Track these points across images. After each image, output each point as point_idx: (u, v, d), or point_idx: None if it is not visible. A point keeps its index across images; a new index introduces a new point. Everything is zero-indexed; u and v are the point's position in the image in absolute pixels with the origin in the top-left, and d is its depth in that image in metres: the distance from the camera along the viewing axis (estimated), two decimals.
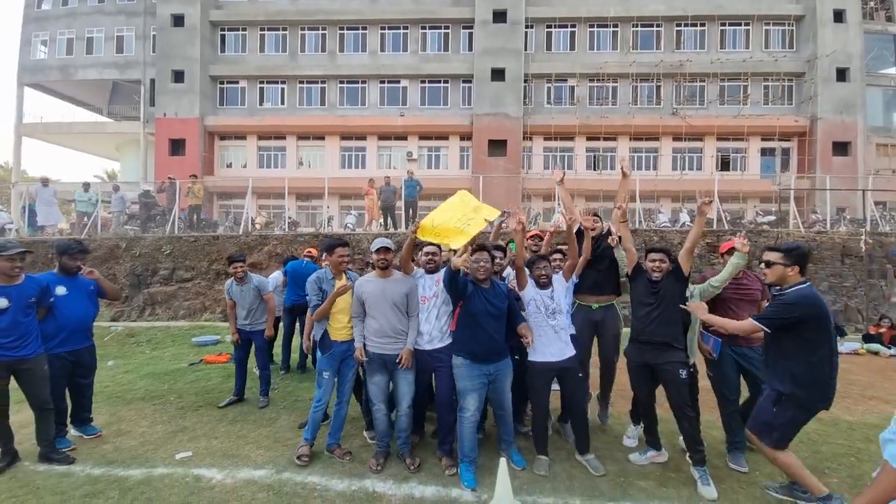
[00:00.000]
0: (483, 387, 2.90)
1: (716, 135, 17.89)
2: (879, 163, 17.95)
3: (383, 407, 3.06)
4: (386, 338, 3.01)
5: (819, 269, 8.81)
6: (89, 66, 19.61)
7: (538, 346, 2.95)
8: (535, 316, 3.01)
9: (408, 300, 3.06)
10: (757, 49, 18.05)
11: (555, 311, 3.01)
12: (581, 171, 18.23)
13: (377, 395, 3.05)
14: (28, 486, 2.80)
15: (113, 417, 3.95)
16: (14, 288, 2.96)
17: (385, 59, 18.84)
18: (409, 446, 3.09)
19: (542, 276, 3.02)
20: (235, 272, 4.26)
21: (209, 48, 18.91)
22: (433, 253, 3.17)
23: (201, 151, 18.26)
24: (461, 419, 2.91)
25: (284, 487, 2.80)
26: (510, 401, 3.03)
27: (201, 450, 3.32)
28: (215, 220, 15.49)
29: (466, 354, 2.87)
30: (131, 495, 2.70)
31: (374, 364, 3.04)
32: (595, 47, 18.64)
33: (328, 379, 3.19)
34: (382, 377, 3.06)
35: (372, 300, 3.03)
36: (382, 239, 3.13)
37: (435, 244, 3.18)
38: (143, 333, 7.62)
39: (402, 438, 3.06)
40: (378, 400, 3.05)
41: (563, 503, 2.63)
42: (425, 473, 2.95)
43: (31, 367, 3.02)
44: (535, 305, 3.02)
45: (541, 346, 2.96)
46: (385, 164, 19.08)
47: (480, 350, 2.85)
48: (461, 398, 2.92)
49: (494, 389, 2.94)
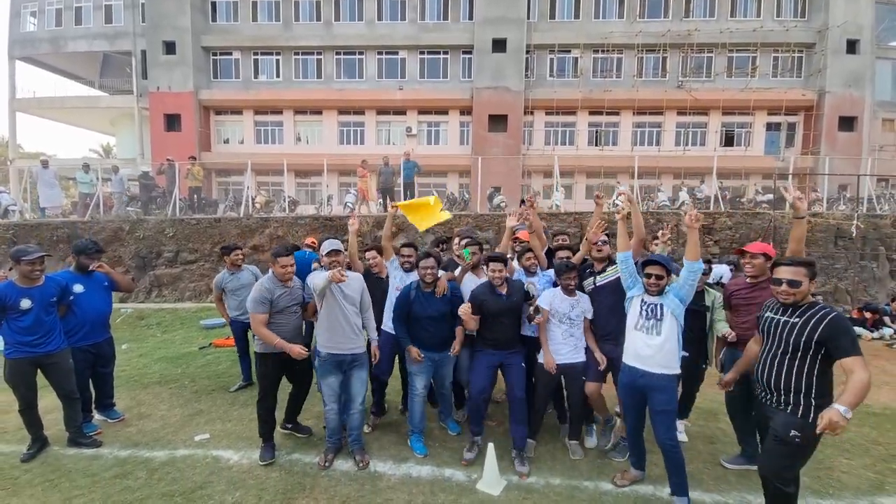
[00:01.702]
0: (429, 370, 3.33)
1: (721, 109, 17.51)
2: (885, 138, 17.67)
3: (335, 407, 3.13)
4: (343, 338, 3.08)
5: (812, 250, 8.95)
6: (79, 37, 18.97)
7: (549, 345, 3.17)
8: (552, 318, 3.18)
9: (362, 298, 3.23)
10: (768, 18, 17.36)
11: (573, 321, 3.15)
12: (583, 147, 18.02)
13: (330, 396, 3.11)
14: (60, 469, 3.07)
15: (133, 401, 4.25)
16: (36, 289, 3.15)
17: (383, 29, 18.19)
18: (360, 444, 3.19)
19: (568, 284, 3.13)
20: (235, 259, 4.43)
21: (200, 17, 18.23)
22: (409, 255, 3.57)
23: (197, 127, 18.00)
24: (412, 396, 3.33)
25: (295, 468, 3.10)
26: (451, 382, 3.53)
27: (217, 432, 3.62)
28: (215, 198, 15.55)
29: (415, 344, 3.26)
30: (158, 475, 2.99)
31: (328, 364, 3.09)
32: (600, 15, 17.92)
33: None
34: (336, 378, 3.12)
35: (326, 302, 3.07)
36: (331, 241, 3.20)
37: (413, 246, 3.67)
38: (153, 316, 7.91)
39: (353, 436, 3.17)
40: (331, 401, 3.11)
41: (544, 481, 2.93)
42: (418, 455, 3.23)
43: (57, 361, 3.26)
44: (554, 309, 3.16)
45: (552, 345, 3.17)
46: (384, 140, 18.85)
47: (426, 342, 3.26)
48: (411, 379, 3.33)
49: (437, 374, 3.42)
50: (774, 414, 2.19)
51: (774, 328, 2.21)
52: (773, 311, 2.26)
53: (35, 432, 3.28)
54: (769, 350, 2.23)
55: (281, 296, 3.11)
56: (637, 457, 2.90)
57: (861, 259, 9.25)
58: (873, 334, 6.91)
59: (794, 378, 2.11)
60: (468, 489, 2.83)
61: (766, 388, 2.24)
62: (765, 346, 2.28)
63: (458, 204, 13.45)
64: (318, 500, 2.73)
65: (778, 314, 2.22)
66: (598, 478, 2.95)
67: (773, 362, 2.20)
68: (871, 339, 6.80)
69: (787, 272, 2.15)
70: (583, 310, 3.19)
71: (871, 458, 3.26)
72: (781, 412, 2.15)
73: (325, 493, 2.80)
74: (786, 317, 2.17)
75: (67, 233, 9.86)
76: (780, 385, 2.15)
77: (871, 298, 8.89)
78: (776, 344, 2.19)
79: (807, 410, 2.07)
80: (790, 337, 2.11)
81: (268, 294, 3.05)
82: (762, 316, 2.34)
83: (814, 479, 2.91)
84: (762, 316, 2.34)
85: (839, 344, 1.99)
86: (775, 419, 2.17)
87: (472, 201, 13.35)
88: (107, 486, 2.87)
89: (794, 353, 2.11)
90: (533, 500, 2.73)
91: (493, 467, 2.86)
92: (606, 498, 2.75)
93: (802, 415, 2.08)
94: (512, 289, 3.18)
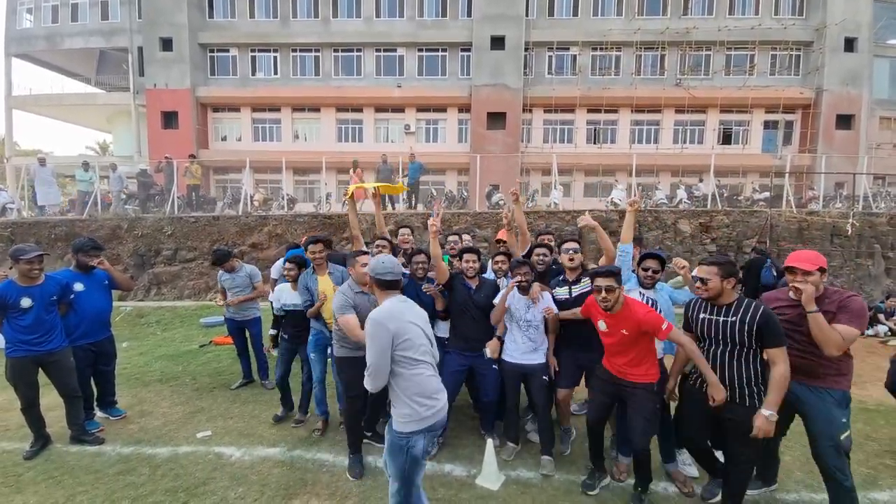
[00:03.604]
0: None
1: (719, 107, 17.56)
2: (882, 136, 17.75)
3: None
4: None
5: (808, 248, 9.02)
6: (75, 34, 18.85)
7: (507, 346, 3.13)
8: (511, 316, 3.10)
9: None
10: (766, 15, 17.39)
11: (529, 322, 3.05)
12: (581, 145, 18.05)
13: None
14: (63, 466, 3.09)
15: (135, 399, 4.27)
16: (36, 288, 3.17)
17: (381, 26, 18.14)
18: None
19: (520, 281, 3.02)
20: (230, 266, 4.43)
21: (197, 13, 18.13)
22: (383, 246, 3.62)
23: (195, 124, 17.94)
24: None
25: (296, 463, 3.13)
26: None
27: (219, 429, 3.65)
28: (213, 196, 15.52)
29: None
30: (161, 471, 3.02)
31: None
32: (599, 13, 17.92)
33: (316, 360, 3.57)
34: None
35: None
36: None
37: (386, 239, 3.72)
38: (152, 314, 7.92)
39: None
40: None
41: (542, 476, 2.96)
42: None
43: (58, 359, 3.28)
44: (513, 312, 3.08)
45: (509, 344, 3.11)
46: (383, 138, 18.83)
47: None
48: None
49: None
50: (732, 409, 2.31)
51: (714, 329, 2.35)
52: (707, 311, 2.40)
53: (37, 430, 3.30)
54: (713, 350, 2.38)
55: (361, 302, 2.88)
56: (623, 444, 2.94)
57: (857, 257, 9.32)
58: (868, 331, 6.97)
59: (744, 371, 2.29)
60: (467, 484, 2.86)
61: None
62: (707, 347, 2.41)
63: (456, 202, 13.48)
64: (319, 495, 2.77)
65: (713, 314, 2.37)
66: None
67: (720, 360, 2.34)
68: (865, 336, 6.86)
69: (701, 271, 2.39)
70: (540, 312, 3.02)
71: (864, 453, 3.29)
72: (739, 406, 2.30)
73: (327, 488, 2.83)
74: (722, 317, 2.33)
75: (65, 231, 9.84)
76: (734, 380, 2.30)
77: (866, 296, 8.97)
78: (719, 343, 2.35)
79: (760, 398, 2.26)
80: (732, 335, 2.28)
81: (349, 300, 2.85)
82: (695, 317, 2.46)
83: (808, 473, 2.94)
84: (695, 317, 2.46)
85: (768, 335, 2.20)
86: (737, 413, 2.29)
87: (471, 199, 13.38)
88: (110, 482, 2.90)
89: (740, 348, 2.28)
90: (531, 494, 2.77)
91: (491, 463, 2.90)
92: (603, 492, 2.79)
93: (759, 404, 2.26)
94: (483, 285, 3.20)
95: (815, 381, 2.33)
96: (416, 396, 1.99)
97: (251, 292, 4.48)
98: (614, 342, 2.57)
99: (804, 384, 2.34)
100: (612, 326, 2.54)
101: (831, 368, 2.30)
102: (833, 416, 2.29)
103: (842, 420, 2.30)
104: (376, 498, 2.73)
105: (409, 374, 2.00)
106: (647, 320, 2.42)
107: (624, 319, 2.48)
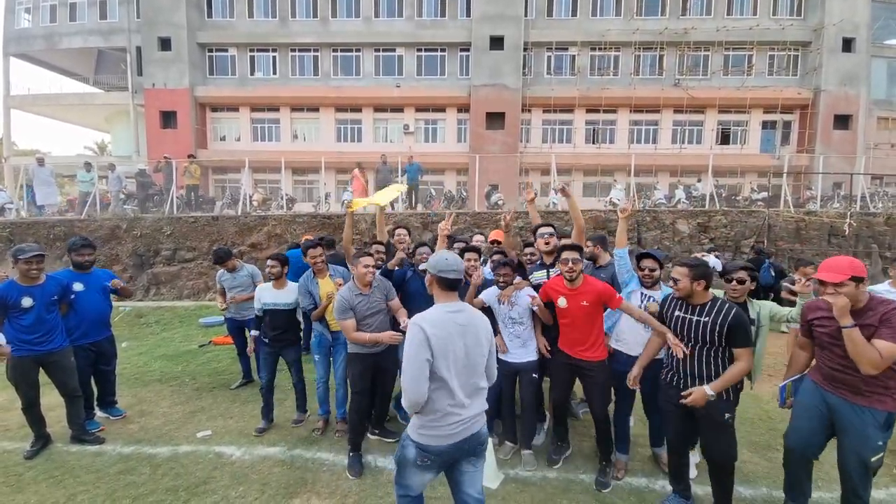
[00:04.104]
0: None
1: (717, 107, 17.61)
2: (879, 136, 17.82)
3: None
4: None
5: (806, 248, 9.06)
6: (74, 33, 18.81)
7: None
8: (498, 317, 3.12)
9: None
10: (764, 16, 17.45)
11: (513, 320, 3.07)
12: (580, 145, 18.08)
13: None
14: (63, 466, 3.10)
15: (135, 399, 4.27)
16: (37, 288, 3.18)
17: (380, 26, 18.14)
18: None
19: (498, 281, 3.07)
20: (228, 266, 4.43)
21: (195, 13, 18.11)
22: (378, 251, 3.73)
23: (193, 124, 17.92)
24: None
25: (296, 462, 3.14)
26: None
27: (219, 429, 3.66)
28: (212, 196, 15.51)
29: None
30: (161, 471, 3.03)
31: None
32: (598, 13, 17.95)
33: (320, 361, 3.60)
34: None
35: None
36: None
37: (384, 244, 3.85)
38: (151, 314, 7.91)
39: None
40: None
41: (540, 475, 2.99)
42: None
43: (58, 359, 3.29)
44: (497, 310, 3.11)
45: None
46: (382, 138, 18.83)
47: None
48: None
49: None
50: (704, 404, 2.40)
51: (688, 327, 2.44)
52: (681, 309, 2.49)
53: (38, 430, 3.31)
54: (686, 346, 2.46)
55: (360, 303, 2.98)
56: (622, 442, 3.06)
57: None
58: None
59: (714, 367, 2.39)
60: None
61: (685, 376, 2.46)
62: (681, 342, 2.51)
63: (455, 202, 13.50)
64: (319, 494, 2.78)
65: (687, 313, 2.45)
66: (593, 471, 3.01)
67: (692, 356, 2.43)
68: None
69: (674, 272, 2.50)
70: (523, 307, 3.05)
71: None
72: (709, 400, 2.37)
73: (327, 487, 2.85)
74: (696, 316, 2.41)
75: (64, 231, 9.82)
76: (704, 375, 2.40)
77: None
78: (692, 340, 2.43)
79: (728, 393, 2.38)
80: (705, 334, 2.37)
81: (346, 304, 2.95)
82: (670, 314, 2.55)
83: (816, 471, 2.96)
84: (670, 314, 2.55)
85: (737, 335, 2.30)
86: (708, 407, 2.36)
87: (470, 199, 13.40)
88: (111, 481, 2.91)
89: (711, 346, 2.37)
90: (529, 492, 2.79)
91: (491, 461, 2.91)
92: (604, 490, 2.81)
93: (727, 398, 2.38)
94: (483, 285, 3.19)
95: (857, 398, 2.15)
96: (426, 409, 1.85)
97: (252, 291, 4.48)
98: (571, 322, 2.82)
99: (846, 400, 2.18)
100: (572, 300, 2.78)
101: (877, 385, 2.10)
102: (868, 435, 2.12)
103: (878, 442, 2.12)
104: (376, 497, 2.75)
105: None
106: (605, 289, 2.76)
107: (584, 292, 2.76)
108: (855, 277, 2.06)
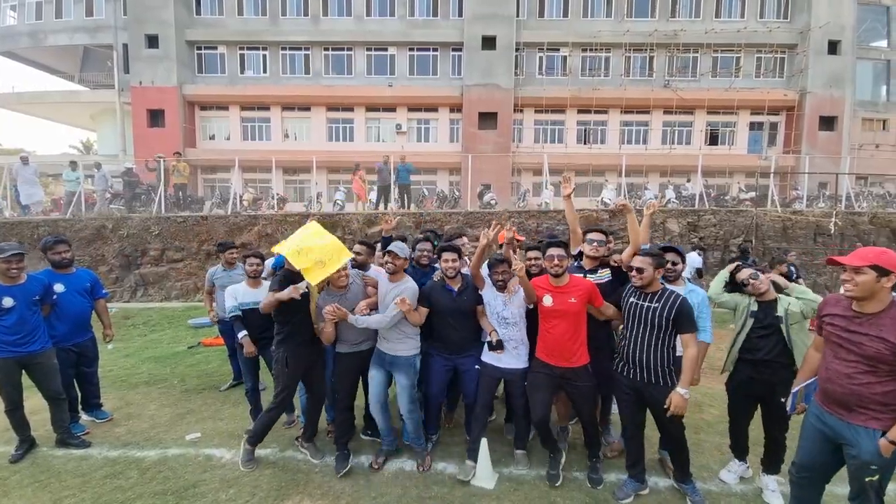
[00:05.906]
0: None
1: (706, 108, 17.85)
2: (864, 137, 18.20)
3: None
4: None
5: (792, 247, 9.22)
6: (59, 30, 18.42)
7: (486, 347, 3.00)
8: (490, 316, 3.02)
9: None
10: (752, 19, 17.73)
11: (506, 320, 2.95)
12: (572, 145, 18.19)
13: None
14: (49, 470, 3.03)
15: (121, 402, 4.19)
16: (18, 287, 3.10)
17: (371, 25, 18.06)
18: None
19: (498, 279, 2.96)
20: (231, 257, 4.39)
21: (184, 10, 17.84)
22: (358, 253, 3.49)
23: (182, 123, 17.66)
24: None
25: (288, 465, 3.11)
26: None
27: (209, 431, 3.60)
28: (201, 195, 15.30)
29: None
30: (150, 474, 2.98)
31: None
32: (589, 14, 18.08)
33: None
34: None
35: None
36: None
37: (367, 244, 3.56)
38: (139, 315, 7.78)
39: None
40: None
41: (535, 473, 3.00)
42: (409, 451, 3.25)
43: (41, 361, 3.21)
44: (490, 308, 3.03)
45: (488, 348, 2.97)
46: (374, 137, 18.75)
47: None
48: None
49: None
50: (648, 389, 2.57)
51: (640, 312, 2.58)
52: (636, 297, 2.62)
53: (22, 433, 3.23)
54: (636, 331, 2.60)
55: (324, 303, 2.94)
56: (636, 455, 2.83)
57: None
58: None
59: (660, 353, 2.54)
60: (461, 482, 2.87)
61: (634, 365, 2.61)
62: (632, 328, 2.63)
63: (448, 201, 13.49)
64: (312, 495, 2.75)
65: (641, 300, 2.59)
66: (585, 468, 3.02)
67: (641, 342, 2.58)
68: None
69: (637, 261, 2.59)
70: (518, 307, 2.95)
71: None
72: (654, 386, 2.55)
73: (319, 488, 2.82)
74: (648, 302, 2.56)
75: (49, 231, 9.60)
76: (650, 361, 2.55)
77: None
78: (642, 326, 2.57)
79: (674, 378, 2.53)
80: (653, 319, 2.52)
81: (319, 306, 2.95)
82: (626, 300, 2.67)
83: None
84: (626, 300, 2.67)
85: (681, 322, 2.48)
86: (652, 395, 2.54)
87: (462, 199, 13.40)
88: (97, 485, 2.85)
89: (659, 332, 2.52)
90: (524, 491, 2.79)
91: (486, 461, 2.91)
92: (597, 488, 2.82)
93: (672, 385, 2.50)
94: (466, 288, 3.04)
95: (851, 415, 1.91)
96: None
97: None
98: (557, 323, 2.75)
99: (841, 419, 1.94)
100: (559, 297, 2.75)
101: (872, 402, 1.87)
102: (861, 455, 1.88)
103: (871, 466, 1.87)
104: (369, 497, 2.73)
105: None
106: (593, 288, 2.78)
107: (571, 289, 2.75)
108: (878, 267, 1.80)
